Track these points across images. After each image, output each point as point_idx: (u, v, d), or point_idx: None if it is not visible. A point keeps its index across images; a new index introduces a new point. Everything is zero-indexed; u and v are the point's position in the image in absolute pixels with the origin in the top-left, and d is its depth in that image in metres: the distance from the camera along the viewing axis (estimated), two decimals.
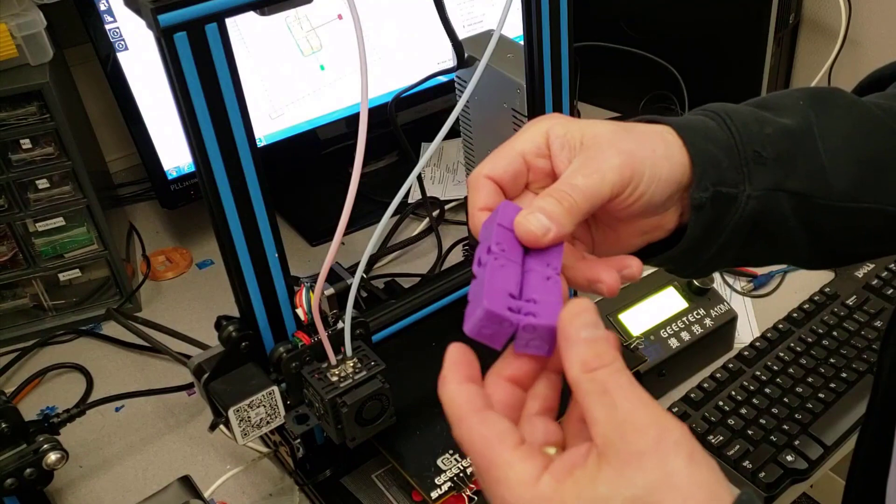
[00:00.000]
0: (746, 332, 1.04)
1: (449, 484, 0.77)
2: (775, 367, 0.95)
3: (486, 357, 0.46)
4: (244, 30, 1.06)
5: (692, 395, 0.92)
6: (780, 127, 0.53)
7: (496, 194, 0.50)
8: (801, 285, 1.10)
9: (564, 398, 0.45)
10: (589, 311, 0.42)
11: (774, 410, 0.90)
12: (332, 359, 0.74)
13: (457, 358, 0.44)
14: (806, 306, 1.03)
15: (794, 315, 1.02)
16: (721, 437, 0.88)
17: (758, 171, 0.52)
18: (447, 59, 1.21)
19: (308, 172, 1.32)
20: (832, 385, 0.92)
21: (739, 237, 0.53)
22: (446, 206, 1.25)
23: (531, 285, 0.44)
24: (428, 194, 1.24)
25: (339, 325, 0.75)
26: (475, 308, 0.42)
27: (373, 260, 1.17)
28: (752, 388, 0.93)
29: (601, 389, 0.39)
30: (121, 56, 1.05)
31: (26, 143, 0.98)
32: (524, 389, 0.45)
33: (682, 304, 0.98)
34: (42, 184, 1.01)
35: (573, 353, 0.41)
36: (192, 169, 1.14)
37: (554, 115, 0.52)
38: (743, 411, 0.90)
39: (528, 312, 0.43)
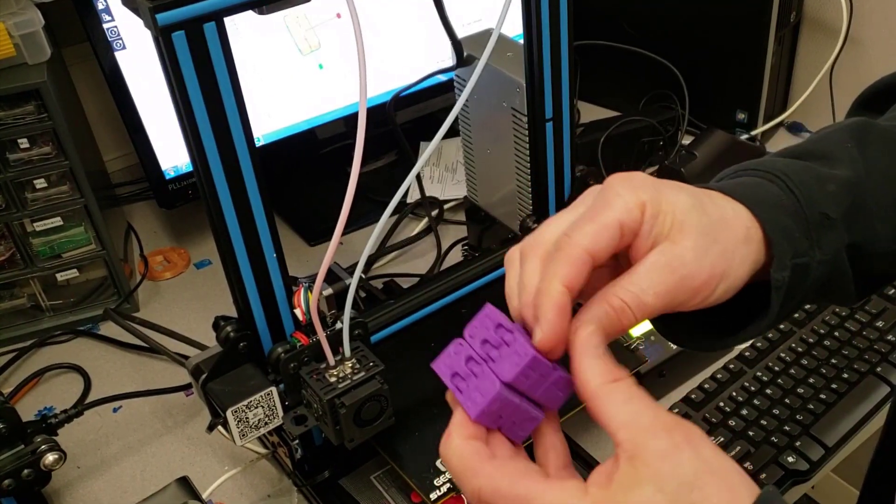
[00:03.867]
0: None
1: (448, 485, 0.77)
2: (776, 368, 0.94)
3: None
4: (242, 28, 1.05)
5: (693, 396, 0.92)
6: (841, 181, 0.51)
7: (587, 275, 0.45)
8: None
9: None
10: (598, 330, 0.43)
11: (775, 411, 0.90)
12: (331, 359, 0.74)
13: (463, 417, 0.44)
14: (807, 306, 1.02)
15: (796, 315, 1.01)
16: (722, 438, 0.87)
17: (826, 235, 0.50)
18: (446, 57, 1.20)
19: (306, 172, 1.32)
20: (833, 386, 0.91)
21: (807, 300, 0.51)
22: (445, 206, 1.25)
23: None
24: (427, 194, 1.23)
25: (338, 325, 0.75)
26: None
27: (371, 260, 1.17)
28: (752, 388, 0.92)
29: (625, 398, 0.41)
30: (119, 55, 1.05)
31: (24, 143, 0.98)
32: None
33: None
34: (40, 183, 1.01)
35: (593, 364, 0.42)
36: (190, 169, 1.13)
37: (646, 180, 0.47)
38: (744, 412, 0.90)
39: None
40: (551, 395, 0.45)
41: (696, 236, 0.45)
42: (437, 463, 0.79)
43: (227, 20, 0.63)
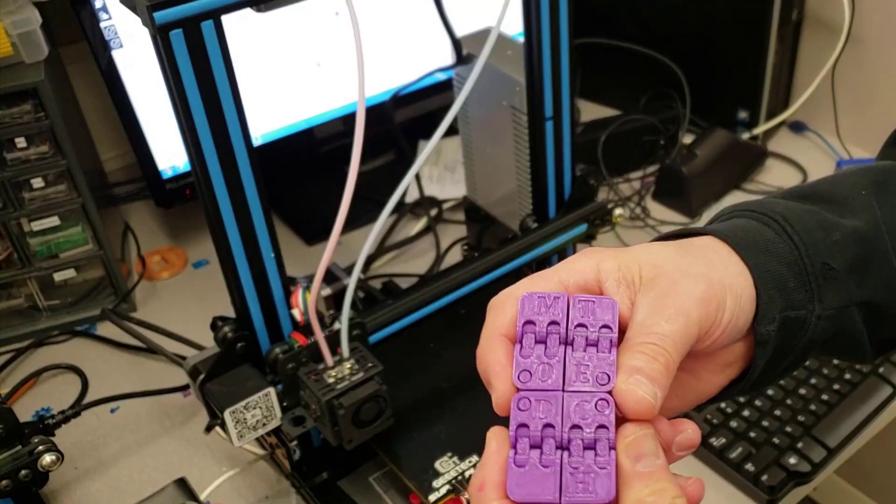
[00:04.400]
0: None
1: (447, 487, 0.76)
2: None
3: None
4: (240, 27, 1.05)
5: None
6: (849, 231, 0.46)
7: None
8: None
9: None
10: (646, 439, 0.37)
11: (777, 412, 0.89)
12: (329, 360, 0.73)
13: (501, 478, 0.37)
14: None
15: None
16: (723, 440, 0.87)
17: (828, 288, 0.45)
18: (446, 56, 1.20)
19: (305, 171, 1.32)
20: (835, 387, 0.91)
21: (806, 356, 0.46)
22: (444, 206, 1.24)
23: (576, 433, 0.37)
24: (426, 193, 1.23)
25: (336, 325, 0.74)
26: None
27: (370, 260, 1.16)
28: None
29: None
30: (116, 54, 1.04)
31: (21, 142, 0.97)
32: None
33: None
34: (37, 183, 1.00)
35: (630, 493, 0.36)
36: (188, 168, 1.13)
37: (598, 249, 0.44)
38: (745, 413, 0.89)
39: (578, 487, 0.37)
40: None
41: (670, 260, 0.43)
42: (437, 464, 0.78)
43: (225, 18, 0.62)
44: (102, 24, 1.02)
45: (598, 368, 0.38)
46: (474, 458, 0.78)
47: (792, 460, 0.84)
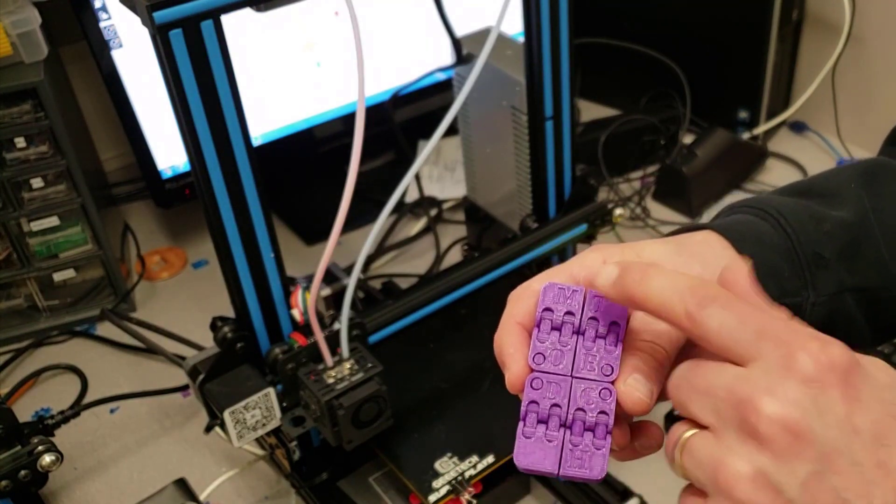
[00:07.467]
0: None
1: (447, 487, 0.76)
2: None
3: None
4: (240, 26, 1.05)
5: None
6: (838, 222, 0.49)
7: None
8: None
9: None
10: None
11: None
12: (329, 360, 0.73)
13: None
14: None
15: None
16: None
17: (820, 275, 0.48)
18: (446, 56, 1.20)
19: (304, 171, 1.32)
20: None
21: None
22: (444, 206, 1.24)
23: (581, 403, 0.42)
24: (426, 193, 1.23)
25: (336, 326, 0.74)
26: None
27: (370, 260, 1.16)
28: None
29: None
30: (115, 54, 1.04)
31: (20, 142, 0.97)
32: None
33: None
34: (36, 183, 1.00)
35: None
36: (188, 168, 1.13)
37: (606, 245, 0.47)
38: None
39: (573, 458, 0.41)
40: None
41: (667, 256, 0.46)
42: (436, 465, 0.78)
43: (224, 18, 0.62)
44: (102, 24, 1.02)
45: (604, 360, 0.42)
46: (474, 458, 0.78)
47: None
